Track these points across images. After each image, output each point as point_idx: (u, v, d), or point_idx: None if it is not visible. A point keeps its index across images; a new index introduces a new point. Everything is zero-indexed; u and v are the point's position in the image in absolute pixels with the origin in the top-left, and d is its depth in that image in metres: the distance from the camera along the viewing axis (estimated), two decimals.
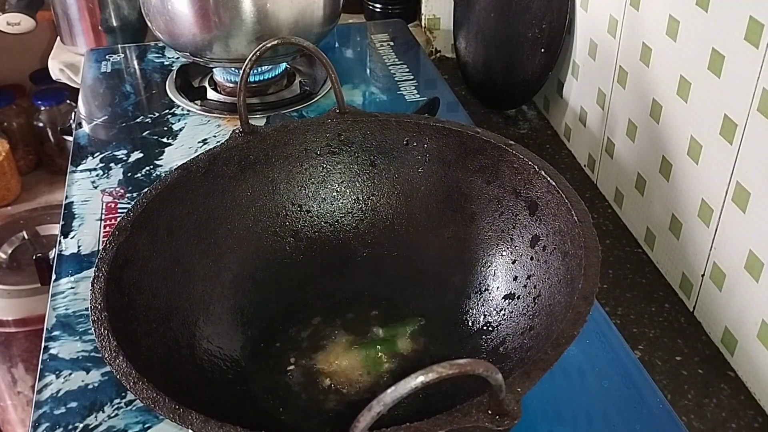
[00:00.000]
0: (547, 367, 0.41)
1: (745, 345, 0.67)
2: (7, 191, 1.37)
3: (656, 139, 0.79)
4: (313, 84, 1.01)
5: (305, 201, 0.66)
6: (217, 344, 0.55)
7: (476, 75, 1.15)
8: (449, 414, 0.38)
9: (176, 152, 0.88)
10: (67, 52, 1.30)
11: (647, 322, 0.75)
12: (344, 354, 0.58)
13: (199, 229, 0.59)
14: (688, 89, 0.72)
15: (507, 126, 1.09)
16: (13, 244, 1.26)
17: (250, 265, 0.62)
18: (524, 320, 0.55)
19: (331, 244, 0.65)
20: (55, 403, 0.58)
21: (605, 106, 0.90)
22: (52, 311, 0.66)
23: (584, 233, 0.51)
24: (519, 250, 0.59)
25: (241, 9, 0.87)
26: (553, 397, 0.58)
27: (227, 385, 0.53)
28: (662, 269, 0.81)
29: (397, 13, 1.29)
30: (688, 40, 0.72)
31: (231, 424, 0.39)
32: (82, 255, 0.73)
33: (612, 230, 0.87)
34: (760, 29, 0.61)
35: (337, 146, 0.66)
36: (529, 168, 0.58)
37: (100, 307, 0.47)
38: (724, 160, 0.68)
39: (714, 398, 0.67)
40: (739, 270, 0.67)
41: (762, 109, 0.62)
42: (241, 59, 0.85)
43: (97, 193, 0.82)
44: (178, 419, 0.40)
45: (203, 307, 0.57)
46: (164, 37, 0.93)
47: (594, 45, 0.92)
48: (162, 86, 1.02)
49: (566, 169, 0.98)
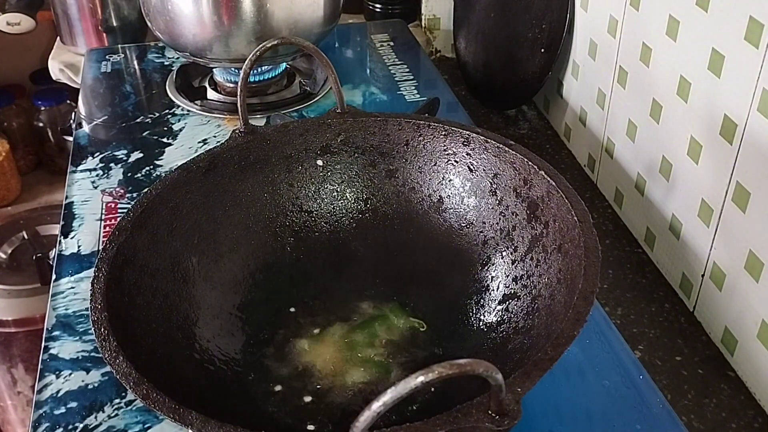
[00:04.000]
0: (547, 367, 0.41)
1: (745, 345, 0.67)
2: (7, 191, 1.37)
3: (656, 139, 0.79)
4: (313, 84, 1.01)
5: (305, 201, 0.66)
6: (217, 344, 0.55)
7: (476, 75, 1.15)
8: (449, 414, 0.38)
9: (176, 152, 0.88)
10: (67, 52, 1.30)
11: (647, 322, 0.75)
12: (344, 354, 0.58)
13: (199, 229, 0.59)
14: (688, 89, 0.72)
15: (507, 126, 1.09)
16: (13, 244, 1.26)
17: (250, 265, 0.62)
18: (524, 320, 0.55)
19: (331, 244, 0.65)
20: (55, 403, 0.58)
21: (605, 106, 0.90)
22: (52, 311, 0.66)
23: (584, 233, 0.51)
24: (519, 250, 0.59)
25: (241, 9, 0.87)
26: (553, 397, 0.58)
27: (227, 385, 0.53)
28: (662, 269, 0.81)
29: (397, 13, 1.29)
30: (688, 40, 0.72)
31: (231, 424, 0.39)
32: (82, 255, 0.73)
33: (612, 230, 0.87)
34: (760, 29, 0.61)
35: (337, 146, 0.66)
36: (529, 168, 0.58)
37: (100, 307, 0.47)
38: (724, 160, 0.68)
39: (714, 398, 0.67)
40: (739, 270, 0.67)
41: (762, 109, 0.62)
42: (241, 59, 0.85)
43: (97, 193, 0.82)
44: (178, 419, 0.40)
45: (203, 307, 0.57)
46: (164, 37, 0.93)
47: (594, 45, 0.92)
48: (162, 86, 1.02)
49: (566, 169, 0.98)
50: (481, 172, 0.62)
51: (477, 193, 0.63)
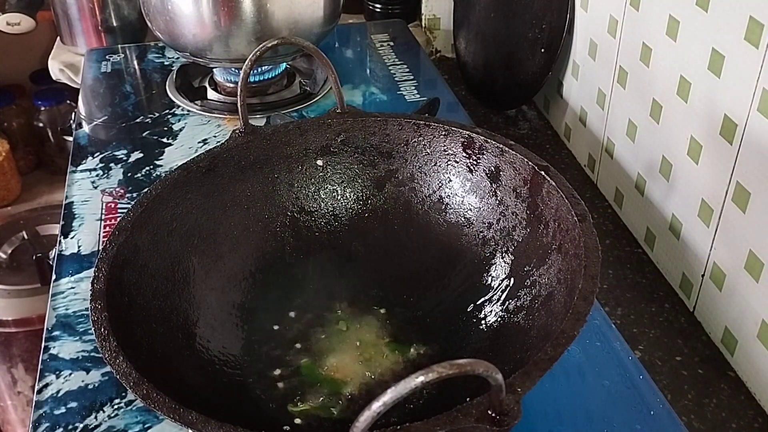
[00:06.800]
0: (547, 367, 0.41)
1: (745, 345, 0.67)
2: (7, 191, 1.37)
3: (656, 139, 0.79)
4: (313, 84, 1.01)
5: (305, 201, 0.66)
6: (217, 344, 0.55)
7: (476, 75, 1.15)
8: (449, 414, 0.38)
9: (176, 152, 0.88)
10: (67, 52, 1.30)
11: (647, 322, 0.75)
12: (344, 354, 0.58)
13: (199, 228, 0.59)
14: (688, 89, 0.72)
15: (507, 126, 1.09)
16: (13, 244, 1.26)
17: (250, 265, 0.62)
18: (524, 320, 0.55)
19: (331, 244, 0.65)
20: (55, 403, 0.58)
21: (605, 106, 0.90)
22: (52, 311, 0.66)
23: (584, 233, 0.51)
24: (519, 250, 0.59)
25: (241, 9, 0.87)
26: (553, 397, 0.58)
27: (227, 385, 0.53)
28: (662, 269, 0.81)
29: (397, 13, 1.29)
30: (688, 40, 0.72)
31: (231, 424, 0.39)
32: (82, 255, 0.73)
33: (612, 230, 0.87)
34: (760, 29, 0.61)
35: (337, 146, 0.66)
36: (529, 168, 0.58)
37: (100, 307, 0.47)
38: (724, 160, 0.68)
39: (714, 398, 0.67)
40: (739, 270, 0.67)
41: (762, 109, 0.62)
42: (241, 59, 0.85)
43: (97, 193, 0.82)
44: (178, 419, 0.40)
45: (203, 307, 0.57)
46: (164, 37, 0.93)
47: (594, 45, 0.92)
48: (162, 86, 1.02)
49: (566, 169, 0.98)
50: (481, 172, 0.62)
51: (477, 193, 0.63)
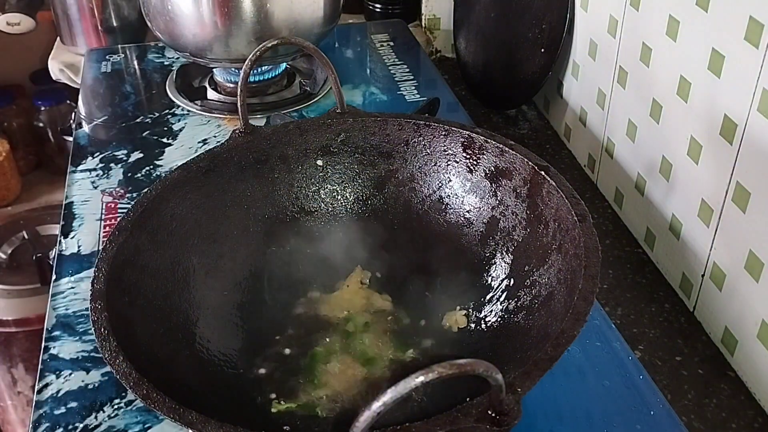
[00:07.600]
0: (547, 367, 0.41)
1: (745, 345, 0.67)
2: (7, 191, 1.37)
3: (656, 139, 0.79)
4: (313, 84, 1.01)
5: (305, 201, 0.66)
6: (217, 344, 0.55)
7: (476, 75, 1.15)
8: (449, 414, 0.38)
9: (176, 152, 0.88)
10: (67, 52, 1.30)
11: (647, 322, 0.75)
12: (344, 354, 0.58)
13: (199, 228, 0.59)
14: (688, 89, 0.72)
15: (507, 126, 1.09)
16: (13, 244, 1.26)
17: (250, 265, 0.62)
18: (524, 320, 0.55)
19: (331, 244, 0.65)
20: (55, 403, 0.58)
21: (605, 106, 0.90)
22: (52, 311, 0.66)
23: (584, 233, 0.51)
24: (519, 250, 0.59)
25: (241, 9, 0.87)
26: (553, 397, 0.58)
27: (227, 385, 0.53)
28: (662, 269, 0.81)
29: (397, 13, 1.29)
30: (688, 40, 0.72)
31: (231, 424, 0.39)
32: (82, 255, 0.73)
33: (612, 230, 0.87)
34: (760, 29, 0.61)
35: (337, 146, 0.66)
36: (529, 168, 0.58)
37: (100, 307, 0.47)
38: (724, 160, 0.68)
39: (714, 398, 0.67)
40: (739, 270, 0.67)
41: (762, 109, 0.62)
42: (241, 59, 0.85)
43: (97, 193, 0.82)
44: (178, 419, 0.40)
45: (203, 307, 0.57)
46: (164, 38, 0.93)
47: (594, 45, 0.92)
48: (162, 86, 1.02)
49: (566, 169, 0.98)
50: (481, 172, 0.62)
51: (477, 193, 0.63)
